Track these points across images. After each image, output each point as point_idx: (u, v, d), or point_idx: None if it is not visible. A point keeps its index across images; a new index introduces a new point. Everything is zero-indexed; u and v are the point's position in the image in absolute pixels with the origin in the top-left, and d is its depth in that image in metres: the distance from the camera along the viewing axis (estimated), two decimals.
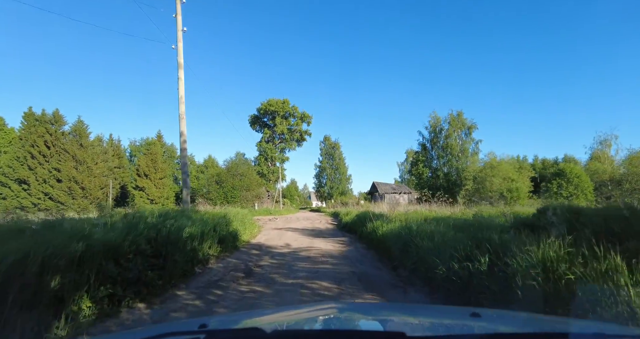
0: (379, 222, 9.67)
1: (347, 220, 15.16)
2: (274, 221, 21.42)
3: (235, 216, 12.28)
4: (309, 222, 20.16)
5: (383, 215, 10.85)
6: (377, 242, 8.37)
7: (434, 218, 9.92)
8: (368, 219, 10.91)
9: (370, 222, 10.05)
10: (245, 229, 12.58)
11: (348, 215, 16.00)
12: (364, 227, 10.58)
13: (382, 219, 10.12)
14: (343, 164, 61.08)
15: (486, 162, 33.07)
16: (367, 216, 12.00)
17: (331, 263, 7.12)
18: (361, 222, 11.77)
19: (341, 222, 16.43)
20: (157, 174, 42.62)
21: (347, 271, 6.20)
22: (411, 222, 8.07)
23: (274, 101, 52.11)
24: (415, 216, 12.12)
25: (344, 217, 16.47)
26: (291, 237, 12.02)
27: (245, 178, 43.29)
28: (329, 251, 8.69)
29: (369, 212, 12.21)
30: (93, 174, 41.00)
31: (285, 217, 27.88)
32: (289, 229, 15.09)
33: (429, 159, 38.35)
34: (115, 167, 47.49)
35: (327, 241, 10.53)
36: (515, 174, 30.52)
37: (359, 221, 12.40)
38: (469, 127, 35.93)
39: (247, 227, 13.18)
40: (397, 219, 10.52)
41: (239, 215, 12.75)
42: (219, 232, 9.19)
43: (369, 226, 9.88)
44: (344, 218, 16.01)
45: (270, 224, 18.88)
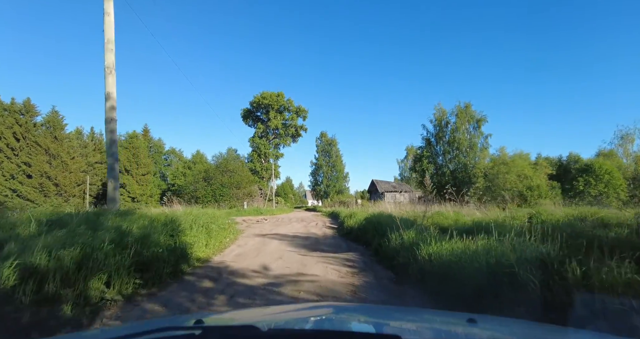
0: (411, 233, 5.84)
1: (352, 224, 11.31)
2: (261, 223, 17.51)
3: (195, 220, 8.39)
4: (303, 225, 16.28)
5: (396, 218, 7.05)
6: (420, 270, 4.52)
7: (479, 224, 6.26)
8: (387, 225, 7.08)
9: (395, 233, 6.21)
10: (209, 239, 8.70)
11: (352, 217, 12.14)
12: (383, 238, 6.74)
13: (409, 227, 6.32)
14: (340, 161, 57.31)
15: (496, 158, 29.45)
16: (383, 220, 8.16)
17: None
18: (376, 230, 7.93)
19: (343, 226, 12.57)
20: (140, 169, 38.46)
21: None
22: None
23: (268, 94, 48.15)
24: (447, 222, 8.35)
25: (346, 219, 12.61)
26: (275, 250, 8.15)
27: (235, 175, 39.29)
28: (333, 286, 4.83)
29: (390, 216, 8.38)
30: (69, 169, 36.75)
31: (276, 218, 23.96)
32: (276, 236, 11.21)
33: (434, 155, 34.66)
34: (96, 163, 43.16)
35: (327, 261, 6.66)
36: (531, 171, 26.92)
37: (371, 228, 8.55)
38: (478, 120, 32.29)
39: (215, 236, 9.29)
40: (432, 225, 6.76)
41: (201, 218, 8.86)
42: (146, 249, 5.32)
43: (395, 239, 6.03)
44: (347, 221, 12.16)
45: (256, 227, 14.97)
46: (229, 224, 11.75)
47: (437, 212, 11.14)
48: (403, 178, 54.22)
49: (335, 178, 56.73)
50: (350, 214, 12.94)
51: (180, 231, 7.15)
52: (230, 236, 10.63)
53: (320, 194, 57.01)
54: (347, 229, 11.34)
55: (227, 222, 11.13)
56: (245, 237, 11.12)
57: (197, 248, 7.34)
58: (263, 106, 48.64)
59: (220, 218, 11.08)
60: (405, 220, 8.19)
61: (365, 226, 9.29)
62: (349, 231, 10.96)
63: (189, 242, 7.09)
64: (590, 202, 15.93)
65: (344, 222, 12.73)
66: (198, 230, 8.20)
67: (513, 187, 26.77)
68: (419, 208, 15.69)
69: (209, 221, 9.44)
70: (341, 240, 10.00)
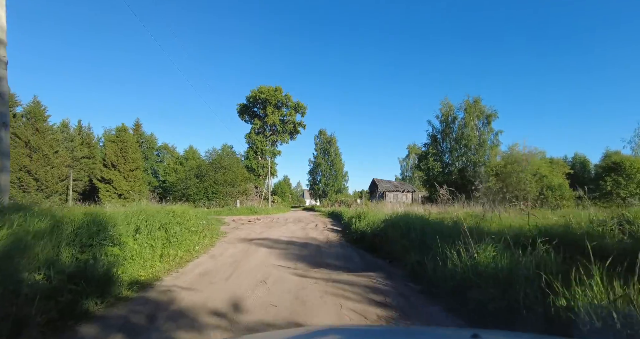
0: (489, 249, 3.28)
1: (362, 228, 8.72)
2: (252, 224, 14.89)
3: (147, 221, 5.80)
4: (300, 226, 13.67)
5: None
6: None
7: (550, 231, 3.80)
8: (432, 233, 4.50)
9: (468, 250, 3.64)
10: (168, 247, 6.12)
11: (362, 219, 9.55)
12: (428, 255, 4.15)
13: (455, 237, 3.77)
14: (339, 160, 54.72)
15: (508, 156, 27.01)
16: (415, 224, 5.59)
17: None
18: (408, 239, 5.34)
19: (350, 229, 9.97)
20: (128, 165, 35.65)
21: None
22: None
23: (265, 88, 45.50)
24: (497, 227, 5.83)
25: (354, 221, 10.01)
26: (259, 266, 5.55)
27: (229, 172, 36.62)
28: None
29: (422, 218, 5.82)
30: (51, 163, 33.88)
31: (271, 218, 21.33)
32: (265, 242, 8.61)
33: (440, 153, 32.19)
34: (83, 158, 40.33)
35: (338, 290, 4.05)
36: (547, 170, 24.49)
37: (397, 235, 5.93)
38: (488, 116, 29.87)
39: (180, 243, 6.72)
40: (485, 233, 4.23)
41: (159, 219, 6.26)
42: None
43: (462, 259, 3.45)
44: (355, 224, 9.56)
45: (244, 229, 12.36)
46: (206, 226, 9.14)
47: (465, 212, 8.65)
48: (404, 177, 51.77)
49: (334, 177, 54.15)
50: (359, 215, 10.33)
51: (111, 238, 4.54)
52: (204, 241, 8.02)
53: (318, 194, 54.42)
54: (356, 234, 8.74)
55: (201, 224, 8.50)
56: (225, 242, 8.51)
57: (137, 264, 4.75)
58: (260, 100, 45.99)
59: (194, 218, 8.47)
60: (438, 224, 5.65)
61: (385, 231, 6.70)
62: (359, 236, 8.37)
63: (123, 256, 4.50)
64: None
65: (351, 224, 10.14)
66: (149, 236, 5.61)
67: (528, 187, 24.36)
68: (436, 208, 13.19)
69: (172, 223, 6.84)
70: (351, 249, 7.40)
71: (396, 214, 7.70)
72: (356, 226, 9.38)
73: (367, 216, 9.66)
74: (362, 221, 9.16)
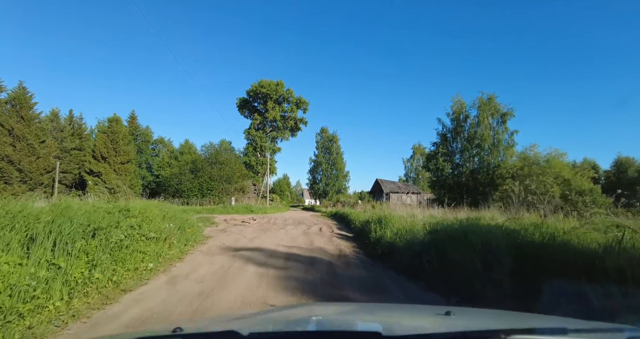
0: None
1: (390, 238, 6.35)
2: (244, 226, 12.56)
3: (60, 227, 3.48)
4: (302, 230, 11.32)
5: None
6: None
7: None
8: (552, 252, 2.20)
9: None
10: (97, 267, 3.78)
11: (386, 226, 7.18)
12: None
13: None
14: (341, 159, 52.40)
15: (527, 157, 24.74)
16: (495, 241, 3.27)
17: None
18: (503, 272, 3.03)
19: (369, 238, 7.57)
20: (119, 157, 33.28)
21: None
22: None
23: (267, 82, 43.19)
24: None
25: (373, 228, 7.64)
26: (239, 308, 3.26)
27: (226, 167, 34.27)
28: None
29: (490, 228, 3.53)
30: (36, 154, 31.48)
31: (268, 218, 18.99)
32: (256, 254, 6.26)
33: (450, 153, 29.91)
34: (73, 149, 37.90)
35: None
36: (571, 173, 22.24)
37: (472, 260, 3.62)
38: (504, 114, 27.56)
39: (129, 257, 4.41)
40: None
41: (83, 220, 3.95)
42: None
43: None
44: (377, 231, 7.22)
45: (233, 232, 10.02)
46: (178, 229, 6.81)
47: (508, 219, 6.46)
48: (409, 178, 49.47)
49: (335, 177, 51.83)
50: (379, 220, 7.97)
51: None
52: (170, 252, 5.69)
53: (318, 193, 52.10)
54: (380, 246, 6.39)
55: (167, 228, 6.15)
56: (202, 254, 6.18)
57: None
58: (261, 95, 43.68)
59: (159, 220, 6.14)
60: (511, 232, 3.36)
61: (438, 247, 4.32)
62: (386, 250, 6.02)
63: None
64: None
65: (368, 231, 7.80)
66: (57, 250, 3.30)
67: (550, 191, 22.11)
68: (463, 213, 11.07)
69: (113, 226, 4.53)
70: (379, 271, 5.05)
71: (447, 222, 5.37)
72: (377, 234, 7.05)
73: (391, 222, 7.32)
74: (387, 229, 6.82)
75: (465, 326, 1.19)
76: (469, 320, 1.35)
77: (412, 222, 7.27)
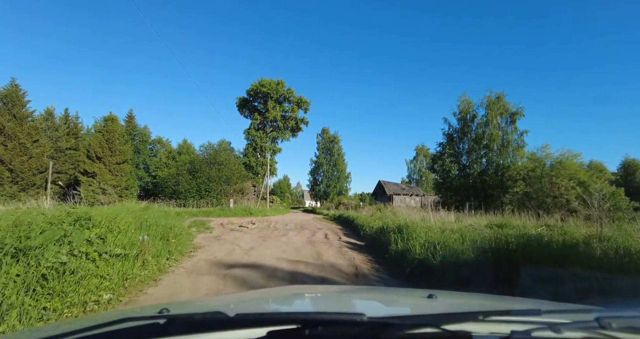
0: None
1: (420, 253, 5.06)
2: (241, 233, 11.27)
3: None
4: (306, 238, 10.01)
5: None
6: None
7: None
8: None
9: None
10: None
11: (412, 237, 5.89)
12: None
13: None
14: (342, 160, 51.17)
15: (537, 159, 23.47)
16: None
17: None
18: None
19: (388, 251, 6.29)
20: (114, 157, 31.99)
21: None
22: None
23: (267, 82, 41.99)
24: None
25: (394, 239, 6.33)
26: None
27: (225, 168, 33.00)
28: None
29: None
30: (29, 153, 30.20)
31: (268, 221, 17.69)
32: (251, 276, 4.98)
33: (457, 154, 28.66)
34: (69, 149, 36.62)
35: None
36: (586, 175, 20.99)
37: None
38: (513, 114, 26.35)
39: (71, 289, 3.08)
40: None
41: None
42: None
43: None
44: (400, 244, 5.89)
45: (226, 242, 8.73)
46: (156, 241, 5.53)
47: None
48: (411, 180, 48.18)
49: (336, 178, 50.59)
50: (398, 228, 6.67)
51: None
52: (144, 272, 4.40)
53: (319, 195, 50.83)
54: (406, 261, 5.10)
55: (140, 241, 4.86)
56: (184, 272, 4.89)
57: None
58: (261, 94, 42.45)
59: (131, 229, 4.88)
60: None
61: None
62: (417, 268, 4.74)
63: None
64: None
65: (387, 243, 6.50)
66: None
67: (564, 194, 20.85)
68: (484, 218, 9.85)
69: (64, 242, 3.26)
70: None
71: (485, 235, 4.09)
72: (399, 246, 5.77)
73: (415, 231, 6.04)
74: (414, 241, 5.53)
75: (446, 309, 1.23)
76: (451, 303, 1.39)
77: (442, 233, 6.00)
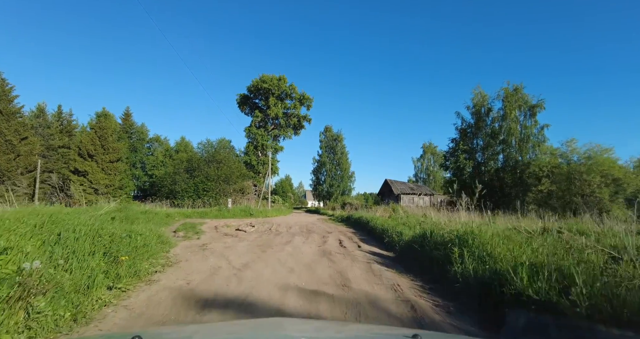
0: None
1: (544, 295, 2.92)
2: (236, 239, 9.08)
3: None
4: (316, 246, 7.80)
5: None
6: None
7: None
8: None
9: None
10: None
11: (475, 248, 3.72)
12: None
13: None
14: (346, 159, 48.98)
15: (563, 154, 21.24)
16: None
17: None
18: None
19: (445, 270, 4.12)
20: (107, 155, 29.87)
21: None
22: None
23: (268, 77, 39.88)
24: None
25: (456, 254, 4.15)
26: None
27: (224, 166, 30.82)
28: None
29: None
30: (16, 151, 28.09)
31: (269, 223, 15.48)
32: (240, 315, 2.79)
33: (472, 150, 26.43)
34: (61, 147, 34.53)
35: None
36: (621, 172, 18.76)
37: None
38: (532, 107, 24.08)
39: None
40: None
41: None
42: None
43: None
44: (470, 264, 3.72)
45: (213, 253, 6.52)
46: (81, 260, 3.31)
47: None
48: (418, 179, 45.92)
49: (339, 177, 48.39)
50: (462, 238, 4.48)
51: None
52: (24, 335, 2.13)
53: (322, 195, 48.63)
54: (518, 304, 2.94)
55: (27, 271, 2.65)
56: (114, 326, 2.68)
57: None
58: (262, 91, 40.32)
59: (28, 248, 2.62)
60: None
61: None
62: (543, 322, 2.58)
63: None
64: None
65: (444, 261, 4.30)
66: None
67: (596, 192, 18.62)
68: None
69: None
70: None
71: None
72: (472, 267, 3.59)
73: (490, 244, 3.85)
74: (501, 260, 3.36)
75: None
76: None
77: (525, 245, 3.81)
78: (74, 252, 3.24)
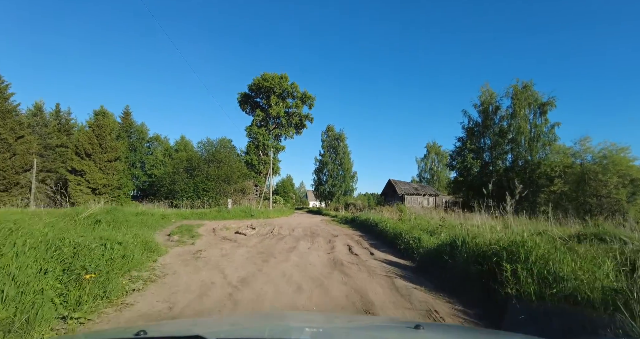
0: None
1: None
2: (236, 243, 8.22)
3: None
4: (325, 253, 6.94)
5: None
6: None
7: None
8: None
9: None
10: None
11: (530, 263, 2.87)
12: None
13: None
14: (348, 159, 48.11)
15: (576, 153, 20.33)
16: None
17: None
18: None
19: (496, 292, 3.26)
20: (105, 154, 29.08)
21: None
22: None
23: (270, 76, 39.02)
24: None
25: (509, 271, 3.29)
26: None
27: (224, 166, 30.01)
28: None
29: None
30: (12, 150, 27.33)
31: (271, 225, 14.61)
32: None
33: (479, 149, 25.53)
34: (59, 146, 33.79)
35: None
36: (639, 172, 17.84)
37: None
38: (543, 105, 23.15)
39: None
40: None
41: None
42: None
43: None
44: (531, 285, 2.86)
45: (210, 261, 5.66)
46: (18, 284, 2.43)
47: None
48: (422, 179, 45.01)
49: (341, 177, 47.53)
50: (509, 250, 3.64)
51: None
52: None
53: (324, 195, 47.78)
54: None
55: None
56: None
57: None
58: (263, 89, 39.47)
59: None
60: None
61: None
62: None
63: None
64: None
65: (491, 278, 3.43)
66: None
67: (612, 193, 17.71)
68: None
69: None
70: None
71: None
72: (535, 289, 2.72)
73: (556, 260, 3.01)
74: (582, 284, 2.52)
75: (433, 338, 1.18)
76: (436, 335, 1.32)
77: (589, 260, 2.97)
78: (10, 275, 2.39)
